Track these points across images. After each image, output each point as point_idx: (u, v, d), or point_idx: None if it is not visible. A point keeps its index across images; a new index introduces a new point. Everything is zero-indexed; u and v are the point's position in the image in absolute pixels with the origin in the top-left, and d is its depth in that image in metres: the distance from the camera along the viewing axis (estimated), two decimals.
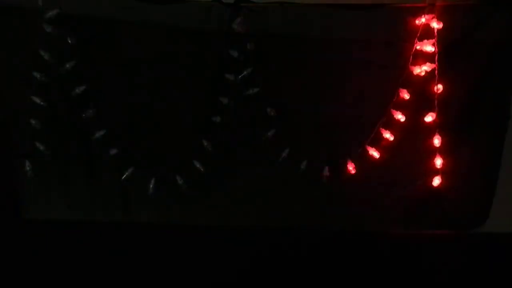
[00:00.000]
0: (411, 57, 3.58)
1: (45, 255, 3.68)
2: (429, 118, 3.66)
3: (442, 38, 3.53)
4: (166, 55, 3.68)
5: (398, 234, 3.80)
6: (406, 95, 3.63)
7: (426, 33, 3.54)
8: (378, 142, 3.71)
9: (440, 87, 3.60)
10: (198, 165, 3.74)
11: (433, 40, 3.54)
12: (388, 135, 3.69)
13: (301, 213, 3.83)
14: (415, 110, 3.67)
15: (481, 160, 3.81)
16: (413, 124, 3.70)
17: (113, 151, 3.73)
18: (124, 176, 3.76)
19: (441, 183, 3.75)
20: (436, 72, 3.57)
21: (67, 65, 3.59)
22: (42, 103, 3.62)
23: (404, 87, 3.63)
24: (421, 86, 3.61)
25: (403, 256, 3.71)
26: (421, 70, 3.59)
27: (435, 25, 3.52)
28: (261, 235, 3.74)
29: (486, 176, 3.84)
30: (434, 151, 3.71)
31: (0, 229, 3.73)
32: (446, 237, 3.80)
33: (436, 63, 3.56)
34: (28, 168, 3.70)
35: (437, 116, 3.66)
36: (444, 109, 3.66)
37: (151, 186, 3.77)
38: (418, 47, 3.57)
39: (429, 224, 3.88)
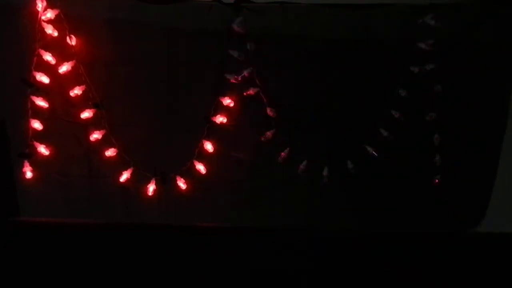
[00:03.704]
0: (411, 56, 3.59)
1: (45, 255, 3.67)
2: (428, 117, 3.67)
3: (442, 38, 3.54)
4: (166, 55, 3.69)
5: (398, 234, 3.80)
6: (405, 95, 3.64)
7: (426, 33, 3.55)
8: (378, 141, 3.72)
9: (439, 87, 3.61)
10: (198, 165, 3.74)
11: (433, 40, 3.54)
12: (388, 135, 3.69)
13: (301, 213, 3.83)
14: (414, 109, 3.68)
15: (480, 159, 3.82)
16: (413, 124, 3.70)
17: (113, 151, 3.74)
18: (124, 176, 3.77)
19: (440, 183, 3.75)
20: (436, 72, 3.58)
21: (67, 65, 3.60)
22: (42, 103, 3.63)
23: (403, 87, 3.64)
24: (421, 86, 3.62)
25: (402, 256, 3.71)
26: (420, 70, 3.59)
27: (434, 24, 3.53)
28: (261, 235, 3.74)
29: (484, 175, 3.85)
30: (433, 151, 3.72)
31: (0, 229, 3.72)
32: (445, 237, 3.80)
33: (436, 63, 3.57)
34: (28, 168, 3.71)
35: (436, 115, 3.67)
36: (444, 109, 3.67)
37: (151, 186, 3.77)
38: (417, 47, 3.57)
39: (428, 223, 3.88)
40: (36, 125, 3.68)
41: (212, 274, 3.66)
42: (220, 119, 3.70)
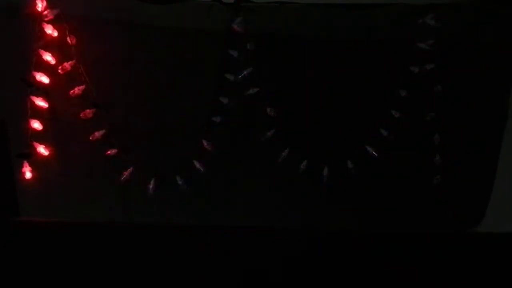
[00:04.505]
0: (411, 56, 3.59)
1: (45, 256, 3.66)
2: (428, 117, 3.67)
3: (442, 38, 3.54)
4: (166, 55, 3.68)
5: (398, 234, 3.80)
6: (405, 95, 3.64)
7: (426, 32, 3.55)
8: (378, 141, 3.72)
9: (439, 87, 3.62)
10: (198, 165, 3.74)
11: (433, 40, 3.55)
12: (387, 135, 3.70)
13: (301, 213, 3.84)
14: (414, 109, 3.69)
15: (480, 159, 3.82)
16: (413, 124, 3.71)
17: (113, 151, 3.73)
18: (124, 176, 3.76)
19: (440, 182, 3.76)
20: (436, 72, 3.58)
21: (67, 65, 3.60)
22: (42, 103, 3.63)
23: (404, 87, 3.64)
24: (421, 86, 3.62)
25: (402, 256, 3.71)
26: (420, 70, 3.59)
27: (434, 24, 3.53)
28: (261, 235, 3.74)
29: (484, 175, 3.85)
30: (433, 151, 3.72)
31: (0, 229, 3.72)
32: (445, 237, 3.80)
33: (436, 63, 3.57)
34: (27, 168, 3.71)
35: (436, 115, 3.67)
36: (443, 109, 3.68)
37: (151, 186, 3.77)
38: (417, 47, 3.58)
39: (428, 223, 3.89)
40: (36, 125, 3.68)
41: (211, 274, 3.66)
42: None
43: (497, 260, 3.62)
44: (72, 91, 3.65)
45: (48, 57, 3.60)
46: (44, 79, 3.62)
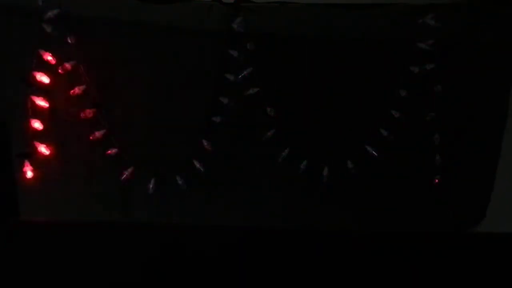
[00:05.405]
0: (411, 56, 3.59)
1: (45, 256, 3.67)
2: (428, 117, 3.67)
3: (442, 38, 3.54)
4: (166, 55, 3.69)
5: (398, 234, 3.80)
6: (405, 95, 3.64)
7: (426, 32, 3.55)
8: (378, 141, 3.72)
9: (439, 87, 3.62)
10: (198, 165, 3.74)
11: (433, 40, 3.55)
12: (387, 135, 3.70)
13: (301, 213, 3.84)
14: (414, 109, 3.69)
15: (480, 159, 3.82)
16: (413, 124, 3.71)
17: (113, 151, 3.73)
18: (124, 176, 3.76)
19: (439, 182, 3.76)
20: (436, 72, 3.59)
21: (67, 65, 3.60)
22: (43, 103, 3.63)
23: (404, 87, 3.64)
24: (420, 85, 3.63)
25: (402, 256, 3.71)
26: (420, 70, 3.59)
27: (434, 24, 3.53)
28: (261, 235, 3.74)
29: (484, 175, 3.85)
30: (433, 151, 3.72)
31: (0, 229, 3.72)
32: (445, 237, 3.80)
33: (436, 63, 3.57)
34: (28, 168, 3.70)
35: (436, 115, 3.68)
36: (443, 109, 3.68)
37: (151, 186, 3.78)
38: (417, 47, 3.58)
39: (428, 223, 3.89)
40: (36, 125, 3.69)
41: (211, 274, 3.66)
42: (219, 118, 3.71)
43: (497, 260, 3.62)
44: (72, 91, 3.65)
45: (48, 57, 3.60)
46: (44, 79, 3.62)
